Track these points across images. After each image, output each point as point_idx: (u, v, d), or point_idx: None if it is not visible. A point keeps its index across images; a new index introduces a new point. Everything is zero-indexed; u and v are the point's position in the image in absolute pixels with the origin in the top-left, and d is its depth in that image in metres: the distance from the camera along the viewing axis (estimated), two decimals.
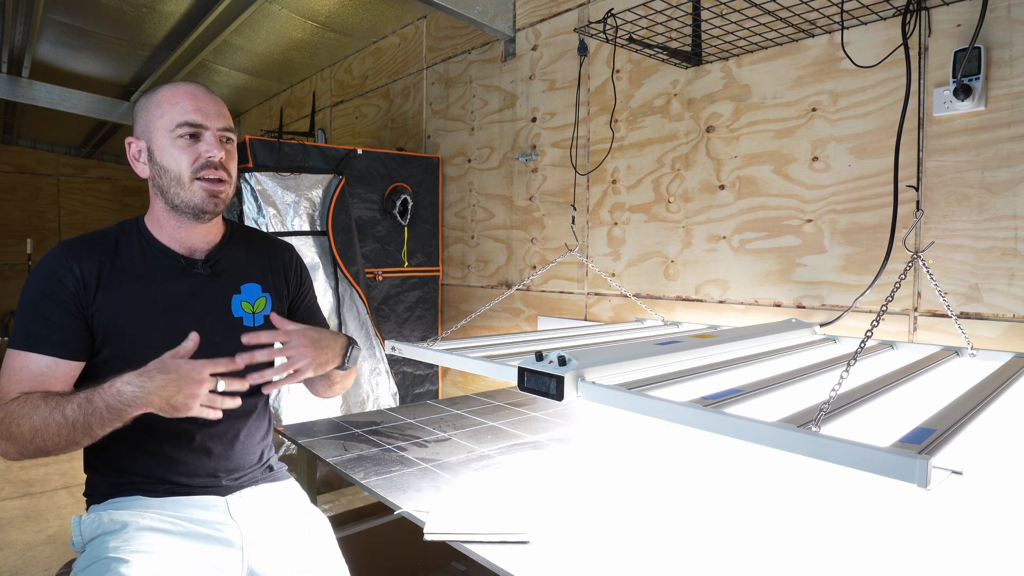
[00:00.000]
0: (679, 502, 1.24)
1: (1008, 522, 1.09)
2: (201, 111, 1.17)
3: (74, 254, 1.15)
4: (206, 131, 1.18)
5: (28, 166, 7.15)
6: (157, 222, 1.23)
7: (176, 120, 1.16)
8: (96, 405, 0.99)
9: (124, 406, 0.99)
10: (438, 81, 3.20)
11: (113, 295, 1.16)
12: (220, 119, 1.20)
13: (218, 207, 1.21)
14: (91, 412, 0.99)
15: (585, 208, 2.43)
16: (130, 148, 1.21)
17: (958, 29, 1.47)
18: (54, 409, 1.00)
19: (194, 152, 1.17)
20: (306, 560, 1.23)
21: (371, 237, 2.87)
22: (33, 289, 1.13)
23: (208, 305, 1.25)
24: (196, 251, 1.26)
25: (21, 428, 1.01)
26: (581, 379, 1.05)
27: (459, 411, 1.98)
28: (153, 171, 1.19)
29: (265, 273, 1.35)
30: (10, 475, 3.40)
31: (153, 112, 1.18)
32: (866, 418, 0.93)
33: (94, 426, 1.00)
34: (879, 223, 1.62)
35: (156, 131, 1.17)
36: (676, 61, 2.00)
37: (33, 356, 1.10)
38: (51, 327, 1.11)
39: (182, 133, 1.16)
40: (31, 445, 1.01)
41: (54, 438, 1.00)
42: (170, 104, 1.17)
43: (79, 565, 1.11)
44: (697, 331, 1.73)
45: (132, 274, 1.19)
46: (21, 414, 1.01)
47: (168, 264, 1.23)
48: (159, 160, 1.18)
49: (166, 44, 3.74)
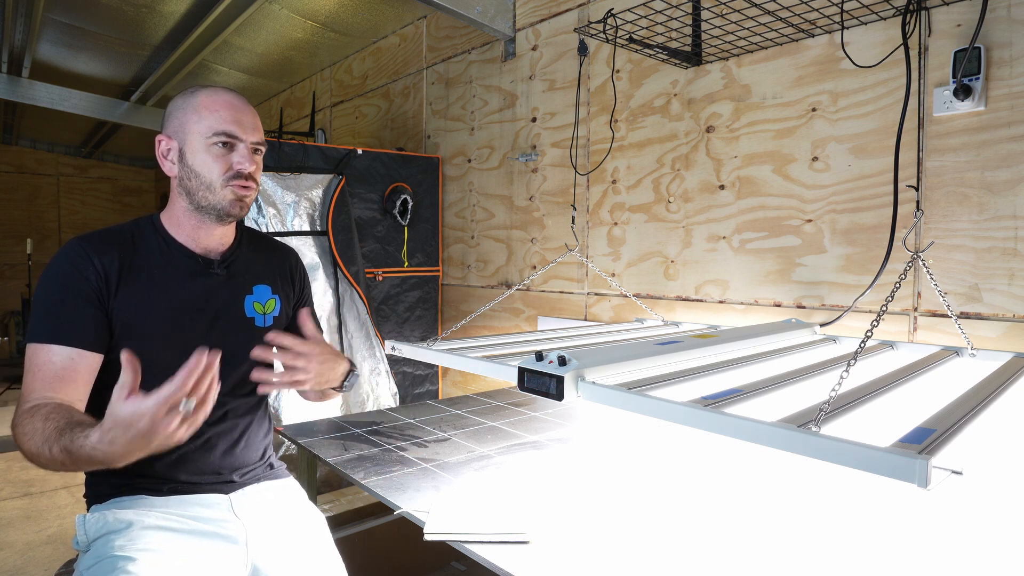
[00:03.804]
0: (679, 502, 1.24)
1: (1008, 522, 1.09)
2: (239, 123, 1.19)
3: (94, 248, 1.15)
4: (241, 143, 1.20)
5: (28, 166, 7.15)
6: (176, 221, 1.24)
7: (214, 128, 1.17)
8: (78, 458, 0.91)
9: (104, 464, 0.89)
10: (438, 81, 3.20)
11: (133, 292, 1.16)
12: (255, 132, 1.22)
13: (243, 211, 1.24)
14: (74, 461, 0.92)
15: (585, 208, 2.43)
16: (160, 145, 1.22)
17: (958, 29, 1.47)
18: (44, 442, 0.94)
19: (227, 162, 1.19)
20: (307, 556, 1.24)
21: (371, 237, 2.87)
22: (52, 282, 1.12)
23: (223, 305, 1.26)
24: (211, 252, 1.27)
25: (26, 446, 0.99)
26: (581, 379, 1.05)
27: (459, 411, 1.98)
28: (182, 172, 1.20)
29: (274, 275, 1.38)
30: (10, 475, 3.40)
31: (190, 115, 1.19)
32: (866, 418, 0.93)
33: (83, 468, 0.94)
34: (879, 223, 1.62)
35: (191, 134, 1.18)
36: (676, 61, 2.00)
37: (56, 349, 1.09)
38: (73, 319, 1.11)
39: (217, 141, 1.18)
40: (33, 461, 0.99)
41: (47, 464, 0.96)
42: (209, 111, 1.18)
43: (84, 564, 1.11)
44: (697, 331, 1.73)
45: (151, 272, 1.20)
46: (26, 432, 0.99)
47: (186, 264, 1.24)
48: (190, 163, 1.19)
49: (166, 44, 3.74)
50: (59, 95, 4.51)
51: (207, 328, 1.23)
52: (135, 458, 0.87)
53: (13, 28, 3.55)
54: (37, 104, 4.48)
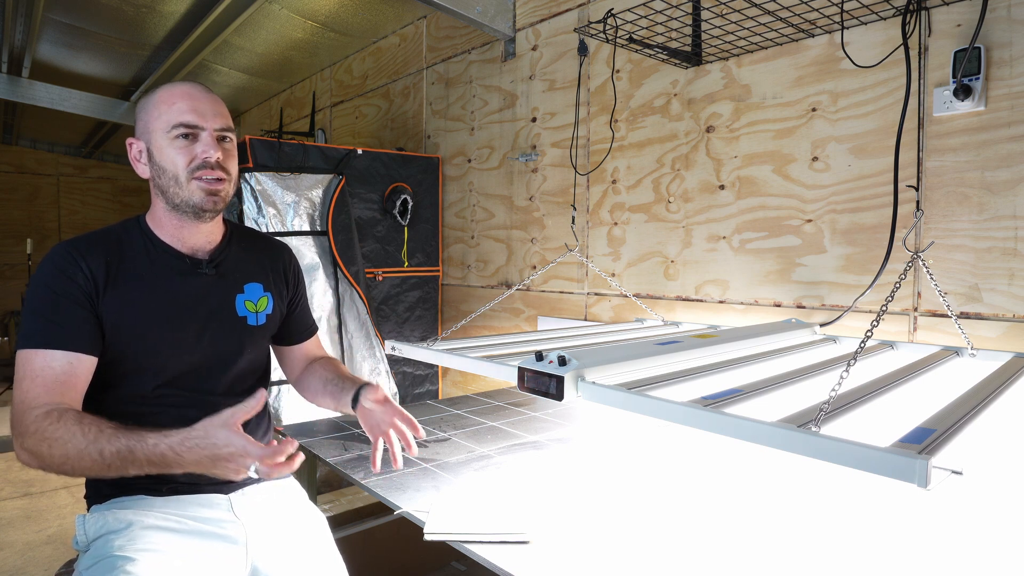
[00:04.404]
0: (679, 502, 1.24)
1: (1008, 522, 1.09)
2: (197, 111, 1.17)
3: (80, 252, 1.14)
4: (203, 131, 1.17)
5: (28, 166, 7.15)
6: (159, 222, 1.23)
7: (172, 121, 1.15)
8: (138, 457, 0.97)
9: (166, 468, 0.98)
10: (438, 81, 3.20)
11: (120, 294, 1.15)
12: (217, 119, 1.19)
13: (218, 205, 1.20)
14: (131, 460, 0.97)
15: (585, 208, 2.43)
16: (131, 149, 1.21)
17: (958, 29, 1.47)
18: (91, 443, 0.97)
19: (190, 153, 1.16)
20: (307, 556, 1.24)
21: (371, 237, 2.87)
22: (42, 287, 1.11)
23: (213, 305, 1.25)
24: (199, 251, 1.26)
25: (52, 451, 0.99)
26: (581, 379, 1.05)
27: (459, 411, 1.98)
28: (153, 171, 1.19)
29: (266, 273, 1.36)
30: (10, 475, 3.40)
31: (151, 113, 1.18)
32: (866, 418, 0.93)
33: (130, 470, 0.98)
34: (879, 223, 1.62)
35: (154, 132, 1.17)
36: (676, 61, 2.00)
37: (53, 353, 1.08)
38: (67, 323, 1.10)
39: (178, 134, 1.15)
40: (57, 468, 1.00)
41: (85, 469, 0.99)
42: (167, 105, 1.16)
43: (83, 564, 1.11)
44: (697, 331, 1.73)
45: (138, 273, 1.18)
46: (55, 437, 0.99)
47: (174, 264, 1.22)
48: (157, 160, 1.17)
49: (166, 44, 3.74)
50: (59, 95, 4.51)
51: (199, 329, 1.22)
52: (194, 470, 0.98)
53: (13, 28, 3.55)
54: (37, 104, 4.48)
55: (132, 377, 1.17)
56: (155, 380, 1.18)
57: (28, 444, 1.01)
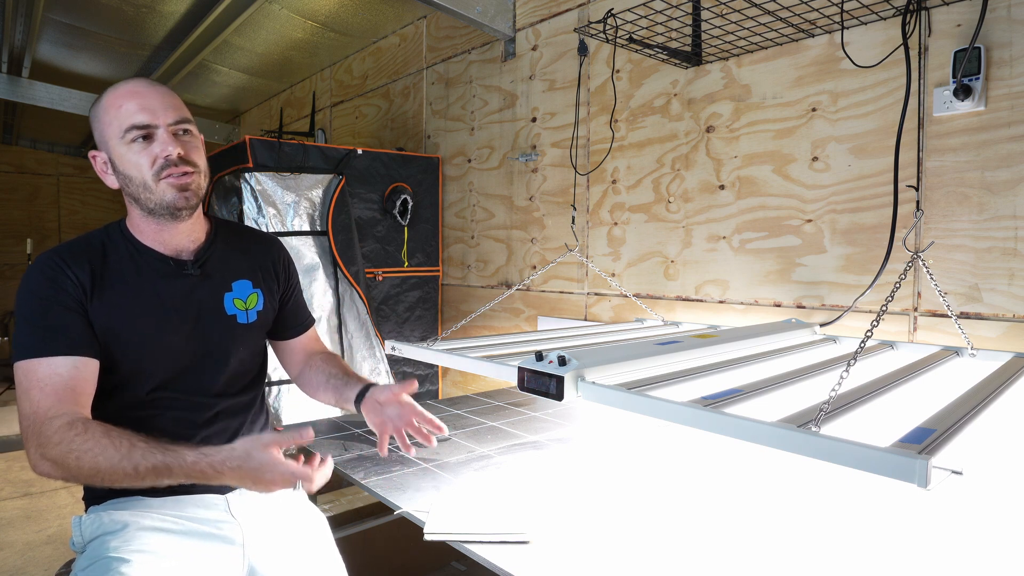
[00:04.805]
0: (679, 502, 1.24)
1: (1008, 522, 1.09)
2: (146, 109, 1.11)
3: (65, 259, 1.12)
4: (157, 129, 1.12)
5: (28, 166, 7.14)
6: (138, 228, 1.20)
7: (123, 125, 1.11)
8: (175, 474, 0.98)
9: (204, 480, 0.99)
10: (438, 81, 3.20)
11: (107, 301, 1.13)
12: (170, 112, 1.13)
13: (191, 201, 1.17)
14: (167, 475, 0.98)
15: (585, 208, 2.43)
16: (95, 162, 1.18)
17: (958, 29, 1.47)
18: (124, 458, 0.97)
19: (150, 154, 1.12)
20: (305, 557, 1.23)
21: (371, 237, 2.87)
22: (32, 297, 1.09)
23: (201, 305, 1.23)
24: (183, 252, 1.23)
25: (80, 463, 0.97)
26: (581, 379, 1.05)
27: (459, 411, 1.98)
28: (120, 181, 1.16)
29: (255, 269, 1.34)
30: (10, 475, 3.40)
31: (103, 120, 1.13)
32: (866, 418, 0.93)
33: (164, 482, 0.99)
34: (879, 223, 1.62)
35: (110, 140, 1.13)
36: (676, 61, 2.00)
37: (57, 360, 1.06)
38: (65, 329, 1.08)
39: (133, 138, 1.11)
40: (85, 479, 1.00)
41: (115, 481, 0.98)
42: (115, 109, 1.11)
43: (79, 565, 1.11)
44: (697, 331, 1.73)
45: (123, 279, 1.16)
46: (83, 449, 0.97)
47: (158, 267, 1.20)
48: (121, 169, 1.14)
49: (166, 44, 3.74)
50: (59, 95, 4.50)
51: (189, 330, 1.21)
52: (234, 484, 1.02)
53: (13, 28, 3.55)
54: (37, 104, 4.47)
55: (126, 383, 1.16)
56: (149, 384, 1.17)
57: (52, 454, 0.99)
